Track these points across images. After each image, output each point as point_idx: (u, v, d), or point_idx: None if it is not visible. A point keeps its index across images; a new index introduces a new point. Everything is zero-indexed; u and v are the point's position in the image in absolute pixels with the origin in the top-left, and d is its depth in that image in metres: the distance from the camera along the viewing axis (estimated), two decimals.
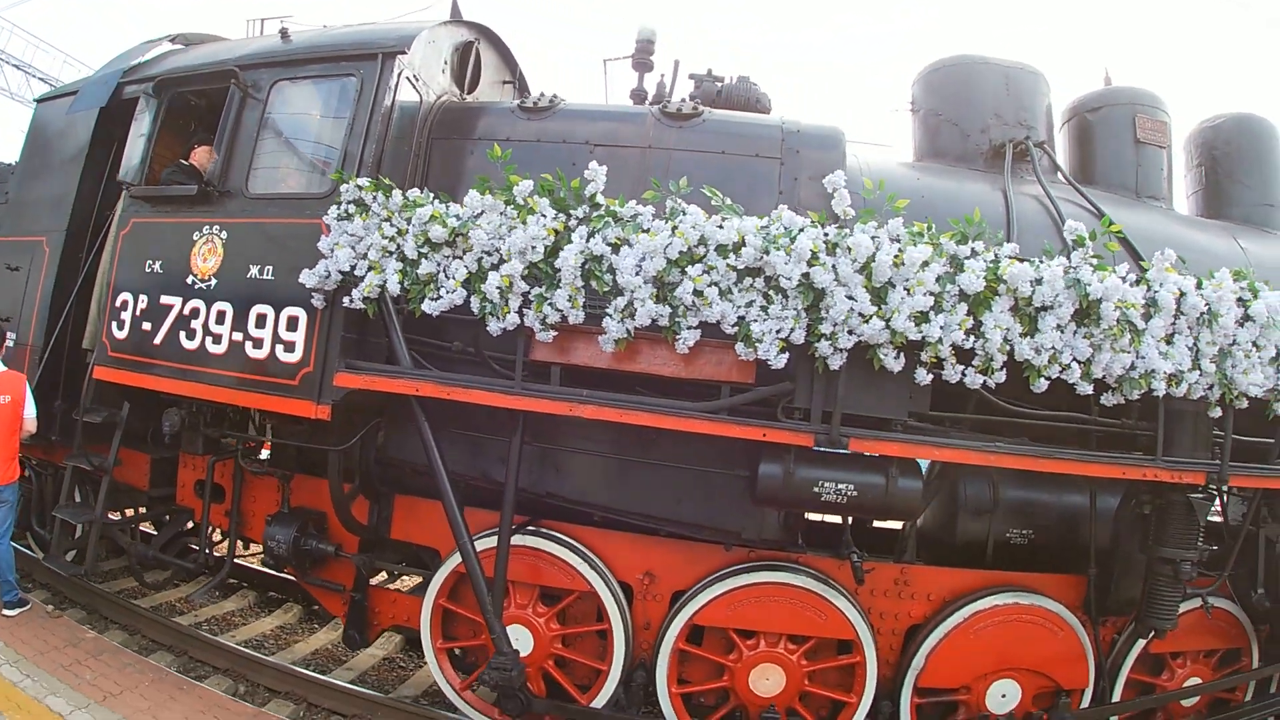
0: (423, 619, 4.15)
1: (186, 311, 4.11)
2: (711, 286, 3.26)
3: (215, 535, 4.89)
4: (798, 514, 4.04)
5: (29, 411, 4.38)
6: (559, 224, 3.42)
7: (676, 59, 4.51)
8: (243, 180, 4.10)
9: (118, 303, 4.28)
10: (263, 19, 4.64)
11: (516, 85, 5.07)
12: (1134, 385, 3.50)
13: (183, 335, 4.10)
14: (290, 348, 3.87)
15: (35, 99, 5.17)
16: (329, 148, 3.99)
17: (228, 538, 4.61)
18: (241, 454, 4.35)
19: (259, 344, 3.93)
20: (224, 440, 4.39)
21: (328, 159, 3.98)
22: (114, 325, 4.29)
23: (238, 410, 4.42)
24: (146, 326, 4.20)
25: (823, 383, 3.33)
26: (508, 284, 3.40)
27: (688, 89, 4.58)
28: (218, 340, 4.02)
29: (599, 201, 3.43)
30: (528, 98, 4.30)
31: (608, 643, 3.99)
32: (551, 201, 3.45)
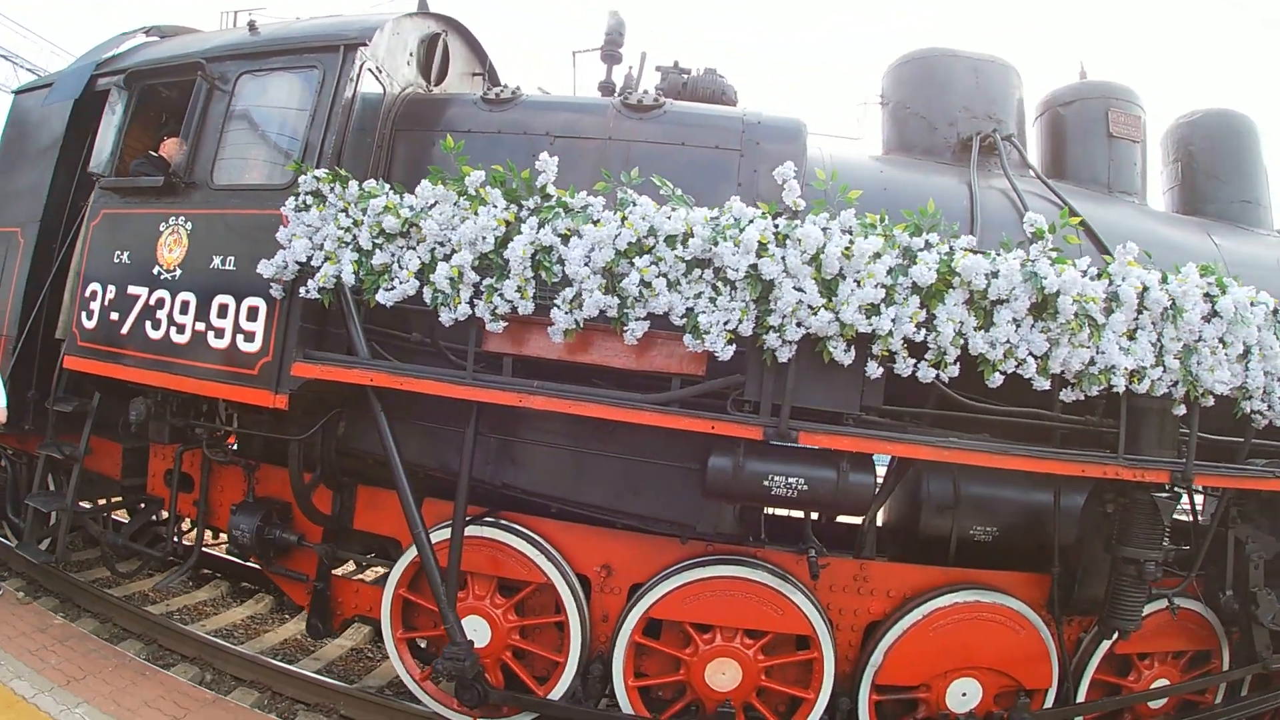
0: (383, 609, 4.16)
1: (152, 302, 4.14)
2: (660, 278, 3.25)
3: (186, 524, 4.94)
4: (755, 508, 4.03)
5: (0, 401, 4.44)
6: (510, 215, 3.42)
7: (643, 51, 4.51)
8: (208, 172, 4.13)
9: (87, 293, 4.33)
10: (236, 11, 4.67)
11: (486, 77, 5.08)
12: (1093, 381, 3.46)
13: (148, 325, 4.14)
14: (250, 338, 3.89)
15: (13, 90, 5.22)
16: (292, 139, 4.01)
17: (196, 527, 4.64)
18: (207, 443, 4.37)
19: (220, 334, 3.96)
20: (187, 429, 4.42)
21: (290, 150, 4.00)
22: (83, 315, 4.34)
23: (205, 400, 4.46)
24: (114, 316, 4.24)
25: (772, 375, 3.32)
26: (458, 274, 3.41)
27: (656, 81, 4.56)
28: (181, 330, 4.05)
29: (550, 193, 3.43)
30: (490, 90, 4.30)
31: (564, 635, 3.99)
32: (503, 192, 3.45)
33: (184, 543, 4.84)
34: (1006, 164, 4.27)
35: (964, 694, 4.02)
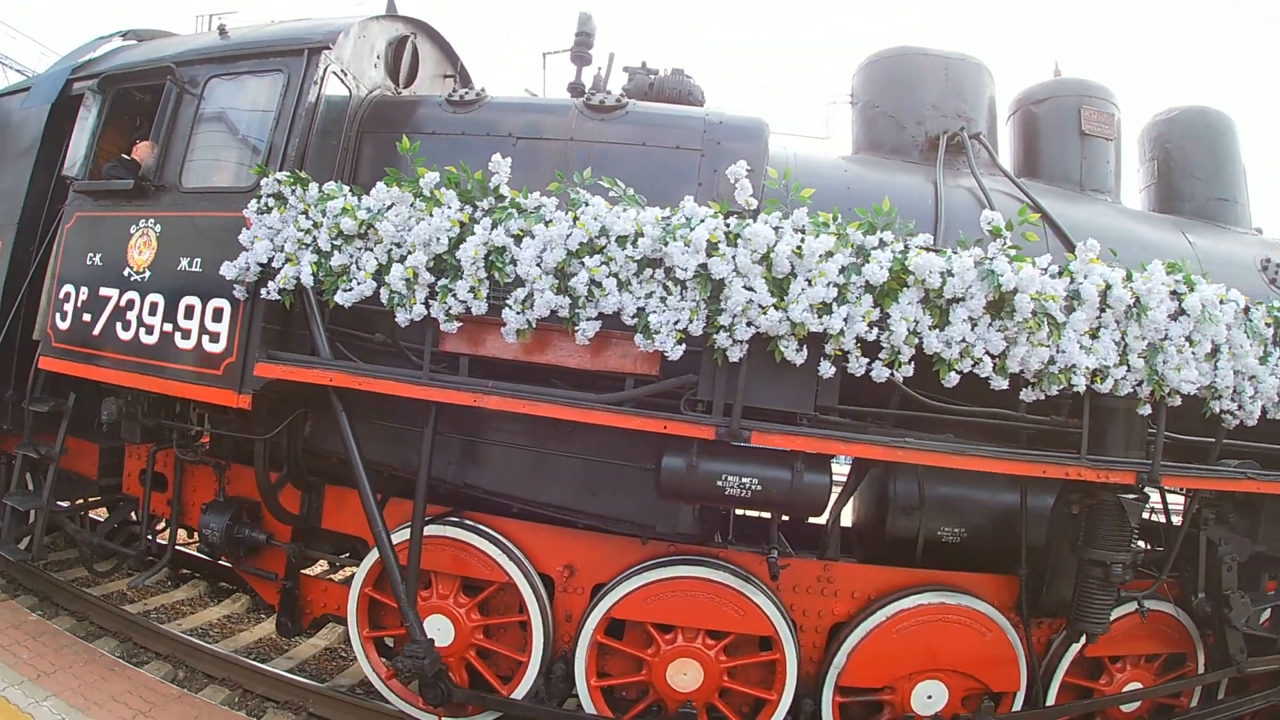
0: (349, 608, 4.19)
1: (123, 303, 4.19)
2: (610, 278, 3.26)
3: (162, 524, 4.99)
4: (715, 508, 4.02)
5: None
6: (465, 216, 3.44)
7: (611, 52, 4.52)
8: (177, 175, 4.18)
9: (61, 294, 4.39)
10: (211, 15, 4.72)
11: (458, 79, 5.11)
12: (1053, 380, 3.42)
13: (119, 326, 4.19)
14: (215, 338, 3.93)
15: None
16: (257, 142, 4.05)
17: (169, 526, 4.69)
18: (178, 443, 4.42)
19: (187, 335, 4.00)
20: (157, 428, 4.46)
21: (256, 153, 4.03)
22: (57, 316, 4.40)
23: (177, 400, 4.50)
24: (87, 318, 4.29)
25: (724, 375, 3.31)
26: (413, 275, 3.43)
27: (623, 81, 4.57)
28: (150, 331, 4.10)
29: (503, 193, 3.44)
30: (455, 92, 4.32)
31: (527, 634, 4.00)
32: (458, 194, 3.47)
33: (159, 541, 4.89)
34: (974, 162, 4.24)
35: (929, 696, 3.99)
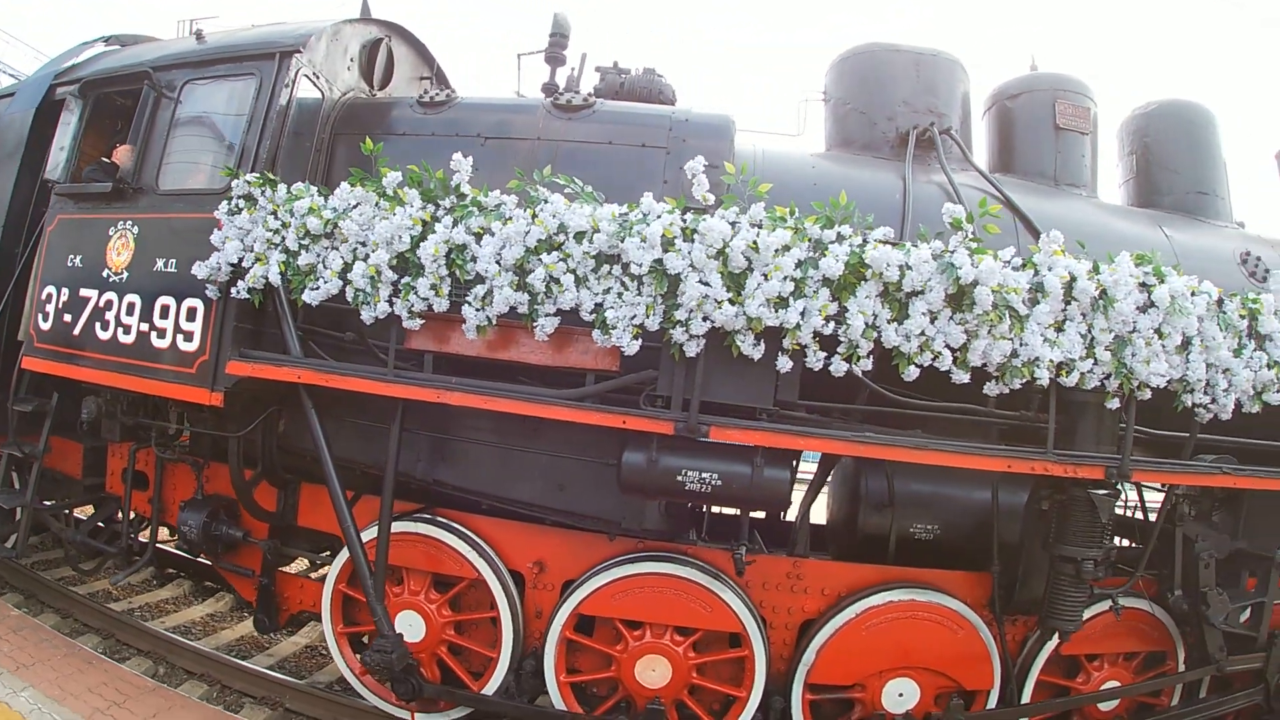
0: (323, 604, 4.23)
1: (102, 303, 4.27)
2: (568, 274, 3.28)
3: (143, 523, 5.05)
4: (682, 505, 4.02)
5: None
6: (427, 214, 3.47)
7: (584, 52, 4.55)
8: (154, 177, 4.25)
9: (43, 295, 4.47)
10: (191, 20, 4.79)
11: (434, 80, 5.16)
12: (1015, 374, 3.39)
13: (98, 326, 4.26)
14: (190, 337, 3.99)
15: None
16: (231, 145, 4.12)
17: (150, 524, 4.75)
18: (157, 441, 4.48)
19: (163, 334, 4.06)
20: (137, 427, 4.52)
21: (230, 155, 4.10)
22: (40, 317, 4.48)
23: (155, 398, 4.57)
24: (67, 318, 4.37)
25: (683, 370, 3.32)
26: (375, 273, 3.47)
27: (595, 81, 4.60)
28: (128, 331, 4.17)
29: (464, 192, 3.48)
30: (426, 93, 4.37)
31: (498, 630, 4.02)
32: (420, 193, 3.51)
33: (141, 539, 4.95)
34: (944, 158, 4.22)
35: (901, 694, 3.96)
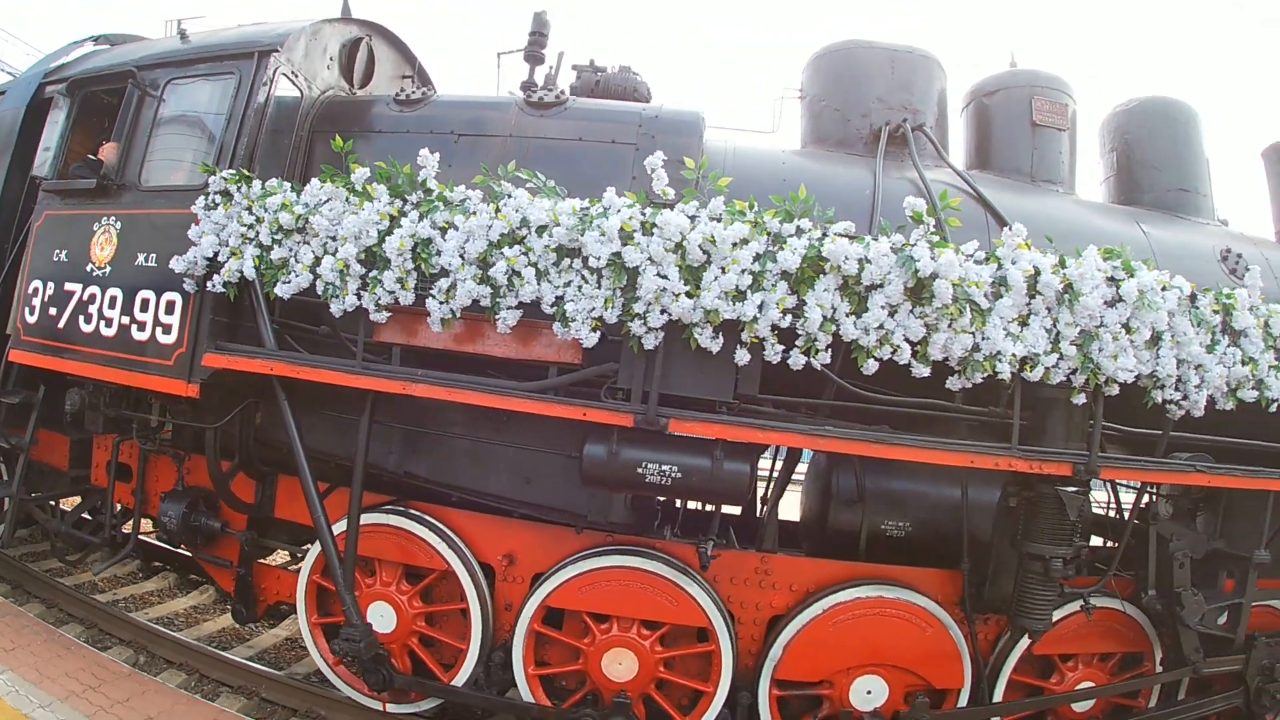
0: (297, 594, 4.28)
1: (85, 297, 4.36)
2: (530, 267, 3.31)
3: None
4: (651, 499, 4.03)
5: None
6: (394, 209, 3.52)
7: (561, 51, 4.59)
8: (137, 174, 4.34)
9: (30, 289, 4.57)
10: (179, 19, 4.88)
11: (415, 79, 5.22)
12: (976, 368, 3.39)
13: (81, 320, 4.35)
14: (168, 330, 4.07)
15: None
16: (210, 142, 4.20)
17: (133, 515, 4.83)
18: (138, 433, 4.56)
19: (143, 327, 4.14)
20: (119, 419, 4.60)
21: (209, 153, 4.17)
22: (26, 311, 4.58)
23: (138, 390, 4.65)
24: (53, 312, 4.46)
25: (642, 363, 3.34)
26: (343, 267, 3.52)
27: (572, 79, 4.64)
28: (110, 324, 4.25)
29: (430, 187, 3.53)
30: (402, 91, 4.43)
31: (468, 622, 4.05)
32: (388, 188, 3.56)
33: (125, 531, 5.03)
34: (915, 154, 4.22)
35: (869, 692, 3.95)
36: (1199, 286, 3.72)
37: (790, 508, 4.95)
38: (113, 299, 4.26)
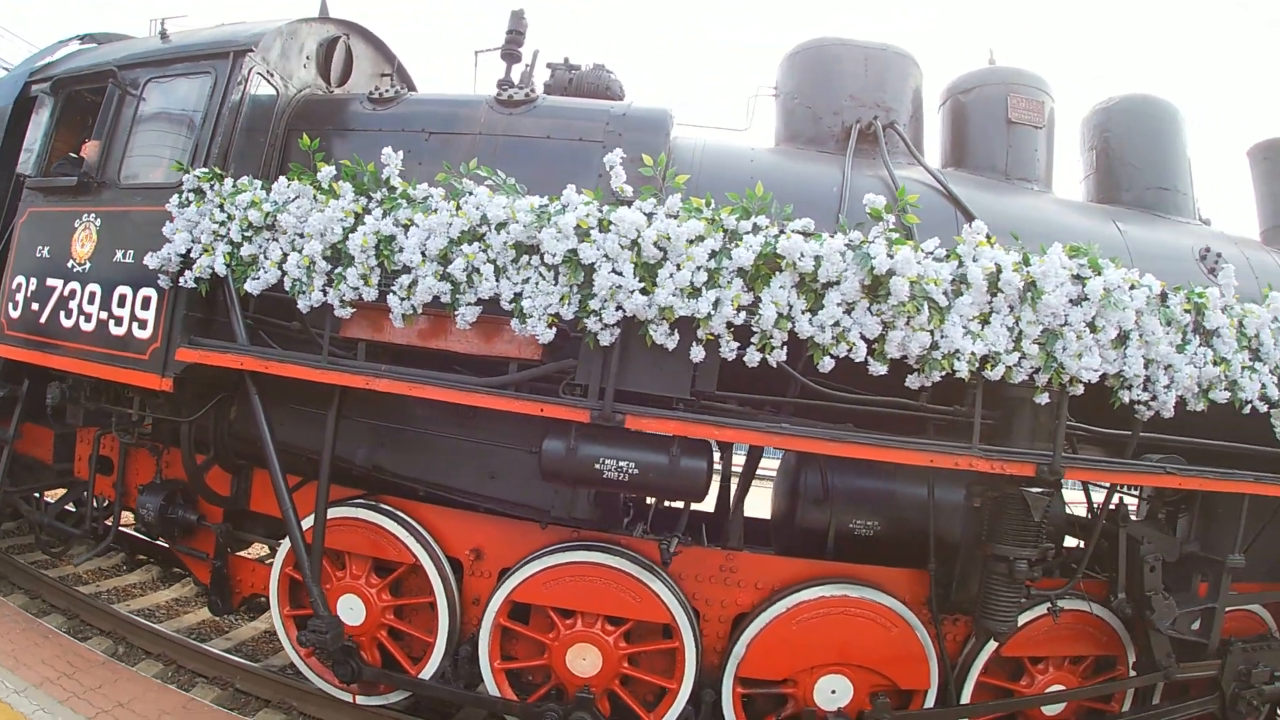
0: (270, 587, 4.33)
1: (66, 293, 4.43)
2: (488, 264, 3.34)
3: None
4: (616, 495, 4.04)
5: None
6: (359, 207, 3.56)
7: (535, 49, 4.61)
8: (117, 172, 4.41)
9: (14, 285, 4.66)
10: (163, 19, 4.94)
11: (394, 77, 5.27)
12: (935, 366, 3.37)
13: (62, 315, 4.43)
14: (144, 325, 4.13)
15: None
16: (186, 141, 4.26)
17: (114, 508, 4.91)
18: (117, 426, 4.63)
19: (120, 321, 4.21)
20: (99, 412, 4.68)
21: (185, 151, 4.24)
22: (10, 306, 4.67)
23: (118, 384, 4.72)
24: (35, 307, 4.55)
25: (599, 359, 3.35)
26: (309, 263, 3.57)
27: (545, 77, 4.66)
28: (89, 319, 4.32)
29: (394, 185, 3.56)
30: (376, 89, 4.47)
31: (435, 615, 4.08)
32: (353, 186, 3.60)
33: (107, 523, 5.11)
34: (885, 152, 4.20)
35: (834, 691, 3.94)
36: (1170, 285, 3.68)
37: (763, 506, 4.96)
38: (92, 294, 4.33)
